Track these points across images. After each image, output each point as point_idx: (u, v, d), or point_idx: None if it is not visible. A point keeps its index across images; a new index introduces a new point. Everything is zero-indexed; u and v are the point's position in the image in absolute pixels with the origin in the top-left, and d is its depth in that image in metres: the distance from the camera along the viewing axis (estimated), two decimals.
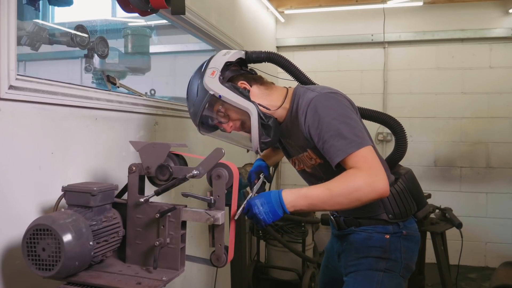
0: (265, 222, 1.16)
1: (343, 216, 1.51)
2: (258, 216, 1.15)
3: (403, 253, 1.41)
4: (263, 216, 1.15)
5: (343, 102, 1.31)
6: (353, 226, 1.47)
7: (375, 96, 4.43)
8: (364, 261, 1.41)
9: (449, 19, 4.22)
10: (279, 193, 1.17)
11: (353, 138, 1.21)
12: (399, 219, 1.42)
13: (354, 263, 1.43)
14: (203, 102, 1.37)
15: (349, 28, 4.45)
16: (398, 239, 1.41)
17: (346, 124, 1.24)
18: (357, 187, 1.15)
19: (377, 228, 1.42)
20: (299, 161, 1.50)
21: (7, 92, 1.13)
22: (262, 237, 3.54)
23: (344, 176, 1.18)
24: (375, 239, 1.41)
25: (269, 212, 1.15)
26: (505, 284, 2.68)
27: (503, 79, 4.15)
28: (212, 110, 1.40)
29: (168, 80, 3.88)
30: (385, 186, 1.16)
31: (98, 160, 1.54)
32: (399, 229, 1.42)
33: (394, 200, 1.42)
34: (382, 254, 1.39)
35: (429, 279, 3.15)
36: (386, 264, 1.38)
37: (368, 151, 1.21)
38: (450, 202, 3.45)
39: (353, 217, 1.46)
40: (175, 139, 2.18)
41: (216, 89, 1.35)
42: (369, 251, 1.41)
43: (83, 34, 1.88)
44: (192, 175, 1.12)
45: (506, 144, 4.16)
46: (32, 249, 0.98)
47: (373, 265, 1.39)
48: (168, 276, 1.09)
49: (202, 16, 2.56)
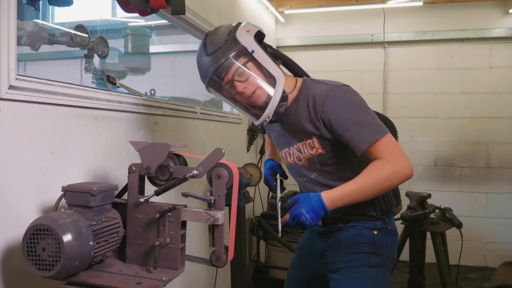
0: (311, 225, 1.28)
1: (332, 213, 1.49)
2: (305, 223, 1.26)
3: (389, 247, 1.48)
4: (309, 222, 1.26)
5: (359, 94, 1.38)
6: (341, 223, 1.49)
7: (375, 96, 4.43)
8: (356, 257, 1.44)
9: (449, 19, 4.22)
10: (319, 198, 1.27)
11: (375, 126, 1.30)
12: (385, 215, 1.48)
13: (345, 259, 1.46)
14: (231, 51, 1.30)
15: (349, 28, 4.45)
16: (384, 234, 1.47)
17: (367, 113, 1.32)
18: (385, 178, 1.26)
19: (366, 224, 1.46)
20: (293, 152, 1.49)
21: (7, 92, 1.13)
22: (262, 237, 3.54)
23: (372, 169, 1.28)
24: (365, 235, 1.46)
25: (314, 217, 1.26)
26: (505, 284, 2.69)
27: (503, 79, 4.14)
28: (233, 65, 1.32)
29: (168, 80, 3.88)
30: (410, 170, 1.27)
31: (98, 160, 1.54)
32: (385, 224, 1.48)
33: (382, 198, 1.47)
34: (372, 249, 1.44)
35: (429, 279, 3.15)
36: (377, 259, 1.44)
37: (390, 138, 1.30)
38: (450, 202, 3.45)
39: (343, 213, 1.46)
40: (175, 139, 2.18)
41: (251, 44, 1.32)
42: (360, 247, 1.45)
43: (83, 34, 1.88)
44: (192, 175, 1.12)
45: (506, 144, 4.16)
46: (32, 249, 0.98)
47: (365, 260, 1.43)
48: (168, 276, 1.09)
49: (202, 16, 2.56)
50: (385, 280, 1.46)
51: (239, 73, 1.34)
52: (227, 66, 1.32)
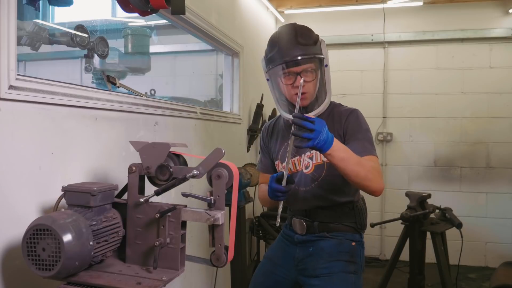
0: (310, 146, 1.30)
1: (317, 221, 1.64)
2: (320, 136, 1.29)
3: (362, 258, 1.67)
4: (321, 139, 1.29)
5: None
6: (325, 232, 1.63)
7: (375, 96, 4.44)
8: (336, 264, 1.59)
9: (449, 19, 4.22)
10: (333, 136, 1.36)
11: (373, 146, 1.57)
12: (361, 230, 1.68)
13: (326, 265, 1.59)
14: (318, 53, 1.55)
15: (349, 28, 4.45)
16: (360, 246, 1.66)
17: (370, 135, 1.60)
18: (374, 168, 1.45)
19: (346, 235, 1.63)
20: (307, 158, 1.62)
21: (7, 92, 1.13)
22: (262, 237, 3.54)
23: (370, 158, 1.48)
24: (345, 245, 1.62)
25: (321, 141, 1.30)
26: (505, 284, 2.69)
27: (503, 79, 4.15)
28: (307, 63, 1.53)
29: (168, 80, 3.88)
30: (382, 183, 1.48)
31: (98, 160, 1.54)
32: (361, 238, 1.68)
33: (363, 213, 1.68)
34: (350, 258, 1.61)
35: (429, 279, 3.15)
36: (354, 267, 1.60)
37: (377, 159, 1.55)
38: (450, 202, 3.45)
39: (328, 222, 1.63)
40: (175, 139, 2.18)
41: (328, 59, 1.59)
42: (340, 255, 1.60)
43: (83, 34, 1.88)
44: (192, 175, 1.12)
45: (506, 144, 4.16)
46: (32, 249, 0.98)
47: (345, 268, 1.58)
48: (168, 276, 1.09)
49: (202, 16, 2.56)
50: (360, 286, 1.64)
51: (310, 71, 1.55)
52: (309, 61, 1.53)
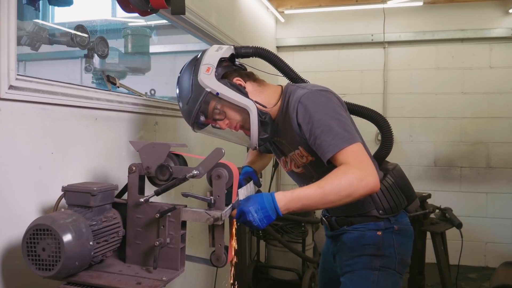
0: (259, 228, 1.16)
1: (335, 216, 1.50)
2: (253, 223, 1.14)
3: (397, 248, 1.41)
4: (257, 223, 1.14)
5: (333, 99, 1.32)
6: (345, 226, 1.47)
7: (375, 96, 4.43)
8: (359, 260, 1.41)
9: (449, 19, 4.22)
10: (272, 197, 1.15)
11: (343, 133, 1.23)
12: (390, 214, 1.42)
13: (349, 263, 1.44)
14: (199, 99, 1.33)
15: (349, 28, 4.45)
16: (391, 234, 1.42)
17: (336, 120, 1.25)
18: (349, 183, 1.15)
19: (368, 225, 1.42)
20: (290, 160, 1.48)
21: (7, 92, 1.13)
22: (262, 237, 3.54)
23: (335, 173, 1.18)
24: (368, 236, 1.41)
25: (264, 218, 1.14)
26: (505, 284, 2.68)
27: (503, 79, 4.15)
28: (208, 108, 1.37)
29: (168, 80, 3.86)
30: (375, 180, 1.18)
31: (98, 160, 1.54)
32: (390, 224, 1.42)
33: (384, 196, 1.42)
34: (376, 252, 1.40)
35: (429, 279, 3.15)
36: (381, 262, 1.39)
37: (358, 147, 1.23)
38: (450, 202, 3.45)
39: (344, 216, 1.46)
40: (175, 139, 2.18)
41: (213, 86, 1.32)
42: (363, 249, 1.41)
43: (83, 34, 1.88)
44: (192, 175, 1.12)
45: (506, 144, 4.16)
46: (32, 249, 0.98)
47: (368, 263, 1.39)
48: (168, 276, 1.09)
49: (202, 16, 2.56)
50: (390, 284, 1.40)
51: (215, 114, 1.38)
52: (201, 114, 1.37)
